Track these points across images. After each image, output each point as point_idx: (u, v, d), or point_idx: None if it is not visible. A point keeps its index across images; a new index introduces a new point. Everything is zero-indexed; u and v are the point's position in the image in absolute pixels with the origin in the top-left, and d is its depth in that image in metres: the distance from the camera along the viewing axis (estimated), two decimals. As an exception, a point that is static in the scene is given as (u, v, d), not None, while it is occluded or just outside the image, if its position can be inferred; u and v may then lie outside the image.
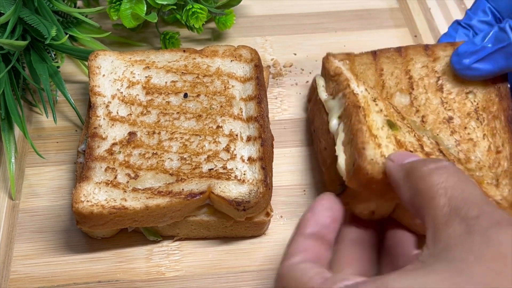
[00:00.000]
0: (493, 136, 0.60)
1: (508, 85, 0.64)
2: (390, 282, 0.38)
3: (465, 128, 0.61)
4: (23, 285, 0.59)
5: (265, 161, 0.61)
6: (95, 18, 0.81)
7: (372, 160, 0.51)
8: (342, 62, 0.67)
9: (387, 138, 0.54)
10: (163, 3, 0.75)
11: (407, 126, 0.59)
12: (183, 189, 0.58)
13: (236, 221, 0.60)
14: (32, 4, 0.71)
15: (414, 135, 0.57)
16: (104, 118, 0.64)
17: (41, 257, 0.61)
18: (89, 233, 0.62)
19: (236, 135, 0.63)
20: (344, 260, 0.51)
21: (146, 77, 0.67)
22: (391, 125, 0.56)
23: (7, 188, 0.66)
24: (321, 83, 0.67)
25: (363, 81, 0.62)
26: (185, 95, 0.66)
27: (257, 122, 0.63)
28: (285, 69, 0.79)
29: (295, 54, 0.81)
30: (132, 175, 0.59)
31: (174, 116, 0.64)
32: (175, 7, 0.77)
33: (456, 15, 0.86)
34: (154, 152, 0.61)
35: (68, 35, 0.72)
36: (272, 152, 0.65)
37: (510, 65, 0.60)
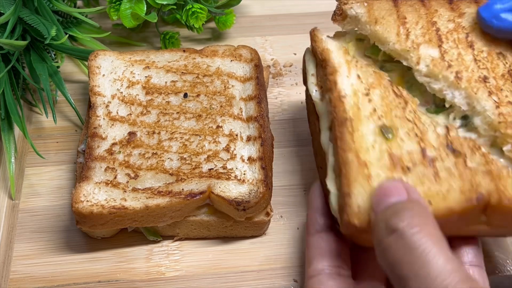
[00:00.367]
0: None
1: None
2: None
3: (501, 90, 0.54)
4: (23, 285, 0.59)
5: (265, 161, 0.61)
6: (95, 18, 0.81)
7: (360, 209, 0.47)
8: (331, 41, 0.59)
9: (379, 161, 0.50)
10: (163, 3, 0.75)
11: (410, 120, 0.53)
12: (183, 189, 0.58)
13: (236, 221, 0.60)
14: (32, 4, 0.71)
15: (416, 134, 0.52)
16: (104, 118, 0.63)
17: (41, 257, 0.61)
18: (89, 233, 0.62)
19: (236, 135, 0.63)
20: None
21: (146, 77, 0.67)
22: (385, 132, 0.51)
23: (7, 188, 0.66)
24: (311, 70, 0.60)
25: (358, 63, 0.57)
26: (185, 95, 0.66)
27: (257, 122, 0.63)
28: (285, 69, 0.79)
29: (295, 54, 0.81)
30: (132, 175, 0.59)
31: (174, 116, 0.64)
32: (175, 7, 0.77)
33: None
34: (154, 152, 0.61)
35: (68, 35, 0.72)
36: (272, 152, 0.65)
37: None
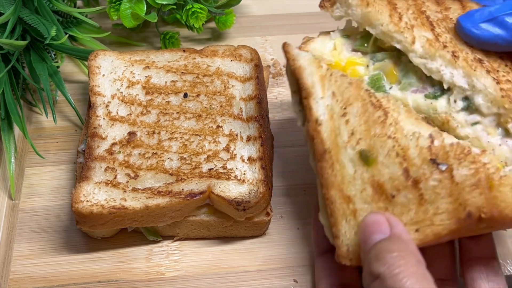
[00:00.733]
0: None
1: None
2: None
3: (497, 71, 0.53)
4: (23, 285, 0.59)
5: (265, 161, 0.60)
6: (95, 18, 0.81)
7: (349, 249, 0.48)
8: (304, 55, 0.54)
9: (362, 192, 0.49)
10: (163, 3, 0.75)
11: (391, 137, 0.49)
12: (183, 189, 0.58)
13: (236, 221, 0.60)
14: (32, 4, 0.71)
15: (398, 154, 0.49)
16: (104, 118, 0.63)
17: (41, 257, 0.61)
18: (89, 233, 0.62)
19: (236, 135, 0.63)
20: None
21: (146, 77, 0.67)
22: (365, 157, 0.49)
23: (7, 188, 0.66)
24: (292, 86, 0.56)
25: (333, 75, 0.52)
26: (185, 95, 0.66)
27: (257, 122, 0.63)
28: (285, 69, 0.79)
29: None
30: (132, 175, 0.59)
31: (174, 116, 0.64)
32: (175, 7, 0.77)
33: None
34: (154, 152, 0.61)
35: (68, 35, 0.72)
36: (272, 152, 0.65)
37: None
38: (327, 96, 0.52)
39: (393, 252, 0.43)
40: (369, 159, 0.49)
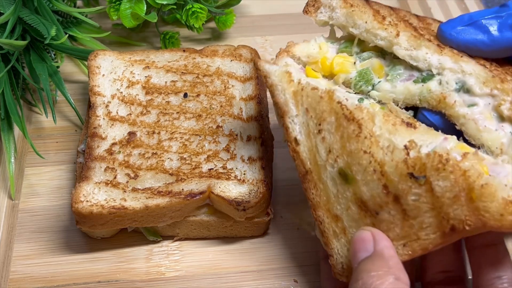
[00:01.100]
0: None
1: None
2: None
3: (484, 65, 0.51)
4: (23, 285, 0.59)
5: (265, 161, 0.60)
6: (95, 18, 0.81)
7: (344, 267, 0.48)
8: (273, 69, 0.53)
9: (348, 210, 0.48)
10: (163, 3, 0.75)
11: (366, 152, 0.47)
12: (183, 189, 0.58)
13: (236, 221, 0.60)
14: (32, 4, 0.71)
15: (375, 170, 0.47)
16: (104, 118, 0.63)
17: (41, 257, 0.61)
18: (89, 233, 0.62)
19: (236, 135, 0.63)
20: None
21: (146, 77, 0.67)
22: (344, 176, 0.48)
23: (7, 188, 0.66)
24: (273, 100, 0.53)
25: (304, 90, 0.51)
26: (185, 95, 0.66)
27: (257, 122, 0.63)
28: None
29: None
30: (132, 175, 0.59)
31: (174, 116, 0.64)
32: (175, 7, 0.77)
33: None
34: (154, 152, 0.61)
35: (68, 35, 0.72)
36: (272, 152, 0.65)
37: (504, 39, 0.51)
38: (302, 113, 0.50)
39: (371, 272, 0.44)
40: (349, 177, 0.48)
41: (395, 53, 0.53)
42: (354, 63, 0.55)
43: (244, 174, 0.60)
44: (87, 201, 0.56)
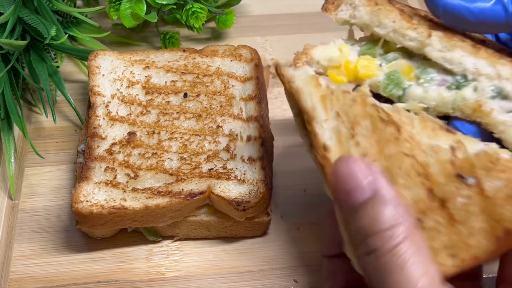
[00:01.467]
0: None
1: None
2: None
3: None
4: (23, 285, 0.59)
5: (265, 161, 0.60)
6: (95, 18, 0.81)
7: None
8: (297, 75, 0.49)
9: None
10: (163, 3, 0.75)
11: (407, 154, 0.44)
12: (183, 189, 0.58)
13: (236, 221, 0.60)
14: (32, 4, 0.71)
15: (418, 172, 0.44)
16: (104, 118, 0.63)
17: (41, 257, 0.61)
18: (89, 233, 0.62)
19: (236, 135, 0.63)
20: None
21: (146, 77, 0.67)
22: None
23: (7, 188, 0.66)
24: (293, 108, 0.50)
25: (334, 94, 0.47)
26: (185, 95, 0.66)
27: (257, 122, 0.63)
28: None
29: (295, 54, 0.81)
30: (132, 175, 0.59)
31: (174, 116, 0.64)
32: (175, 7, 0.77)
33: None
34: (154, 152, 0.61)
35: (68, 35, 0.72)
36: (272, 152, 0.65)
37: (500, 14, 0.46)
38: (332, 118, 0.46)
39: (388, 222, 0.39)
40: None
41: (427, 55, 0.49)
42: (380, 65, 0.51)
43: (244, 174, 0.60)
44: (87, 201, 0.56)
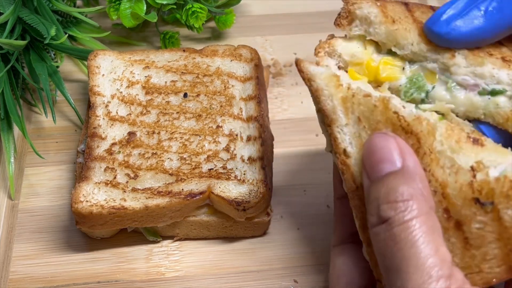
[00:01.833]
0: None
1: None
2: None
3: None
4: (23, 285, 0.59)
5: (265, 161, 0.60)
6: (95, 18, 0.81)
7: None
8: (319, 72, 0.47)
9: None
10: (163, 3, 0.74)
11: (426, 170, 0.43)
12: (183, 189, 0.58)
13: (236, 221, 0.60)
14: (32, 4, 0.71)
15: (435, 191, 0.42)
16: (104, 118, 0.63)
17: (41, 257, 0.61)
18: (89, 233, 0.61)
19: (236, 135, 0.63)
20: None
21: (146, 77, 0.67)
22: None
23: (7, 188, 0.66)
24: (316, 104, 0.47)
25: (355, 97, 0.45)
26: (185, 95, 0.66)
27: (257, 122, 0.63)
28: (285, 69, 0.79)
29: (295, 54, 0.81)
30: (132, 175, 0.59)
31: (174, 116, 0.64)
32: (175, 7, 0.76)
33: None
34: (154, 152, 0.61)
35: (68, 35, 0.71)
36: (272, 152, 0.65)
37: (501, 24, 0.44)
38: (353, 123, 0.44)
39: (405, 195, 0.38)
40: None
41: (453, 73, 0.47)
42: (403, 69, 0.49)
43: (244, 174, 0.60)
44: (87, 201, 0.56)
